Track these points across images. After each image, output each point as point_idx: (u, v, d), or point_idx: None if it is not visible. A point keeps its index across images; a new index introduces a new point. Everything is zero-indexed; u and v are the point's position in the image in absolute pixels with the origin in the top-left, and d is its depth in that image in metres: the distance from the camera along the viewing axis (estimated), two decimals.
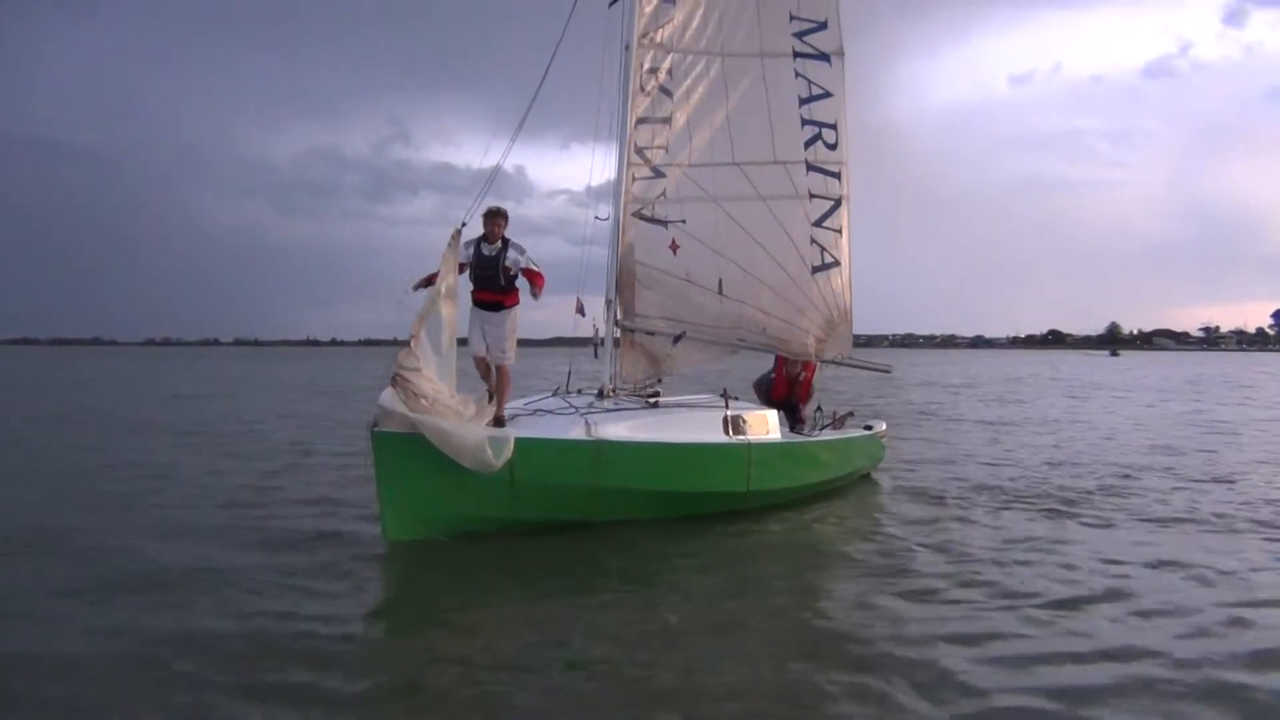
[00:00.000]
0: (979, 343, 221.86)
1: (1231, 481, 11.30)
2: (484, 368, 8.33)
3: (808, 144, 9.96)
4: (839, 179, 10.11)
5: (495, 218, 8.12)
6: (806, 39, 9.91)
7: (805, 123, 9.93)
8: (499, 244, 8.11)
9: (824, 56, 9.96)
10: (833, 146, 10.02)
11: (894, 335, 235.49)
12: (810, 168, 9.98)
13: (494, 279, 8.09)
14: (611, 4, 9.50)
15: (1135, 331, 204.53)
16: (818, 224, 10.05)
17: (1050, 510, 9.39)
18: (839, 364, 10.45)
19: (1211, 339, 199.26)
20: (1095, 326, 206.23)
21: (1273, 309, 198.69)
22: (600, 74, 9.39)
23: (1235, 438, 16.82)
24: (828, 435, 10.68)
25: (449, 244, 7.78)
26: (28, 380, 40.73)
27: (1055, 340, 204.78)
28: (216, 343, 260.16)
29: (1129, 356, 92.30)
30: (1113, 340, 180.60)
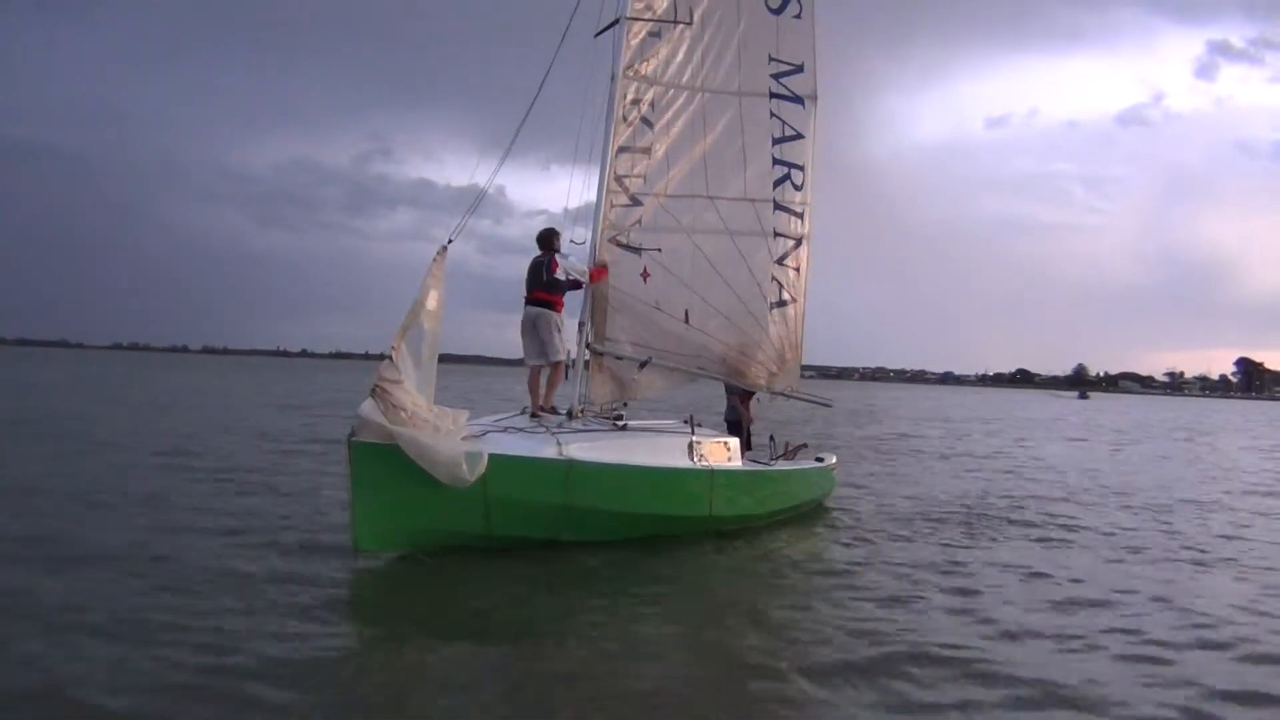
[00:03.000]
0: (948, 379, 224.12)
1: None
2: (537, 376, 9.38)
3: (777, 183, 10.34)
4: (802, 219, 10.51)
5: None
6: (783, 81, 10.30)
7: (776, 162, 10.32)
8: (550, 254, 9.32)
9: (798, 99, 10.36)
10: (799, 187, 10.41)
11: (864, 368, 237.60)
12: (777, 206, 10.37)
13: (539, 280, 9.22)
14: (598, 34, 9.82)
15: (1102, 374, 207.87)
16: (779, 261, 10.44)
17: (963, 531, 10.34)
18: (787, 396, 10.84)
19: (1176, 384, 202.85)
20: (1063, 367, 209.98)
21: (1236, 356, 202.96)
22: (583, 102, 9.69)
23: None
24: (783, 465, 11.03)
25: (435, 259, 7.94)
26: None
27: (1023, 379, 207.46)
28: (185, 349, 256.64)
29: (1098, 399, 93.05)
30: (1080, 382, 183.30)
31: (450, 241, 8.16)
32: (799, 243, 10.53)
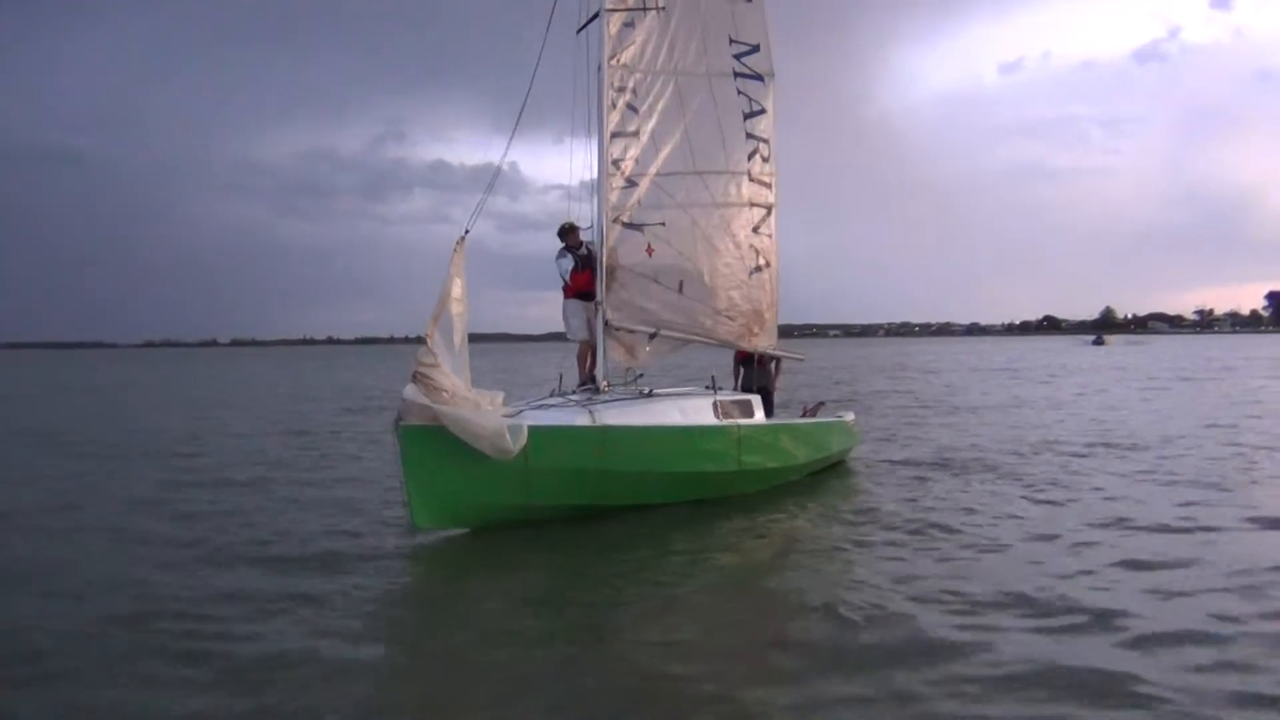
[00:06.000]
0: (974, 330, 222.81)
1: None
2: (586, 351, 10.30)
3: (749, 156, 11.03)
4: (770, 189, 11.20)
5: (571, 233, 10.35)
6: (743, 60, 10.94)
7: (749, 136, 11.01)
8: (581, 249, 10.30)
9: (759, 77, 11.03)
10: (766, 160, 11.13)
11: (890, 324, 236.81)
12: (750, 178, 11.05)
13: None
14: (579, 30, 10.36)
15: (1130, 316, 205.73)
16: (755, 230, 11.13)
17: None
18: (763, 356, 11.53)
19: (1206, 322, 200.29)
20: (1090, 312, 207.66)
21: (1266, 290, 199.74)
22: (572, 96, 10.31)
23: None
24: (805, 421, 11.67)
25: (455, 250, 8.38)
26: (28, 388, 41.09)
27: (1050, 326, 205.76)
28: (215, 343, 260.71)
29: (1114, 345, 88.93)
30: (1107, 325, 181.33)
31: (467, 232, 8.57)
32: (769, 211, 11.23)
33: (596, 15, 10.18)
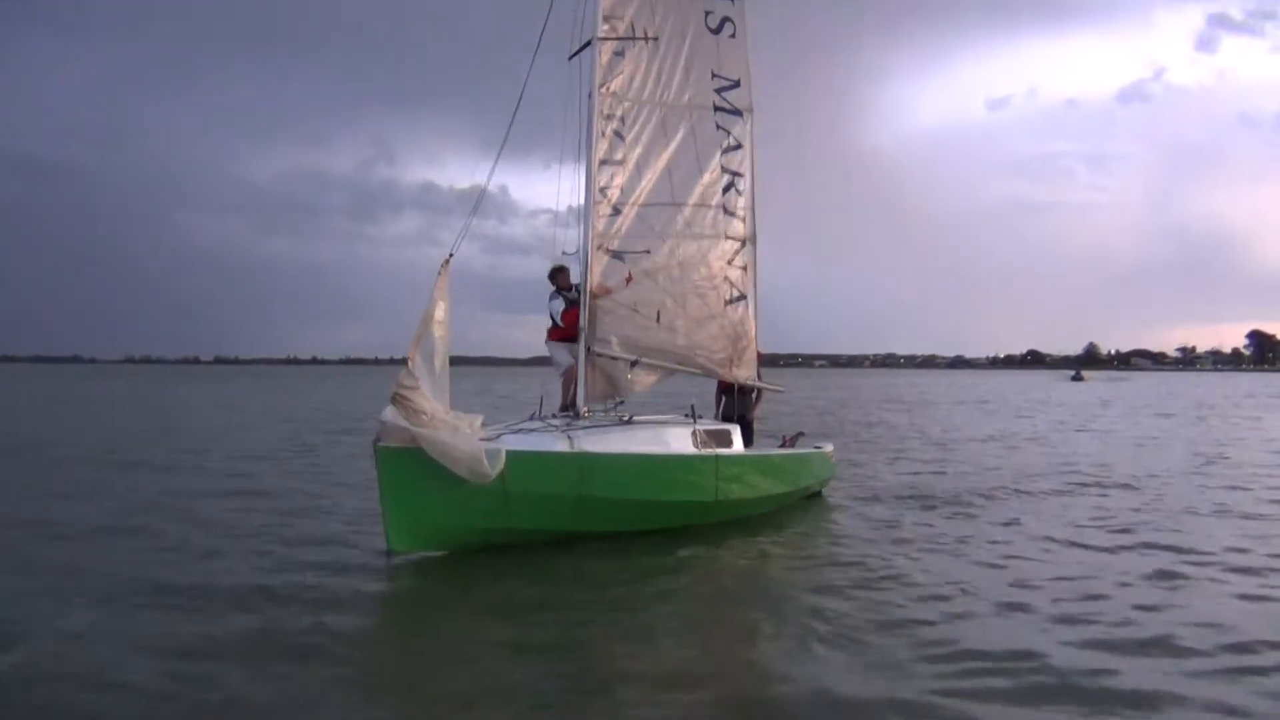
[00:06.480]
0: (959, 363, 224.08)
1: None
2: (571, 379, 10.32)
3: (725, 190, 11.15)
4: (744, 222, 11.29)
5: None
6: (724, 95, 11.10)
7: (724, 170, 11.14)
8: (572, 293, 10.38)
9: (737, 111, 11.19)
10: (741, 193, 11.24)
11: (875, 355, 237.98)
12: (725, 211, 11.16)
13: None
14: (571, 57, 10.49)
15: (1113, 352, 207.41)
16: (729, 262, 11.22)
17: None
18: (744, 385, 11.48)
19: (1188, 359, 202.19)
20: (1074, 347, 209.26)
21: (1248, 330, 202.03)
22: (563, 122, 10.45)
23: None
24: (784, 451, 11.68)
25: (440, 272, 8.46)
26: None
27: (1034, 360, 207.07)
28: (197, 361, 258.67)
29: (1093, 381, 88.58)
30: (1090, 361, 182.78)
31: (452, 255, 8.67)
32: (743, 244, 11.32)
33: (589, 43, 10.34)
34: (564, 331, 10.42)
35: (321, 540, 9.03)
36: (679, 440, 9.70)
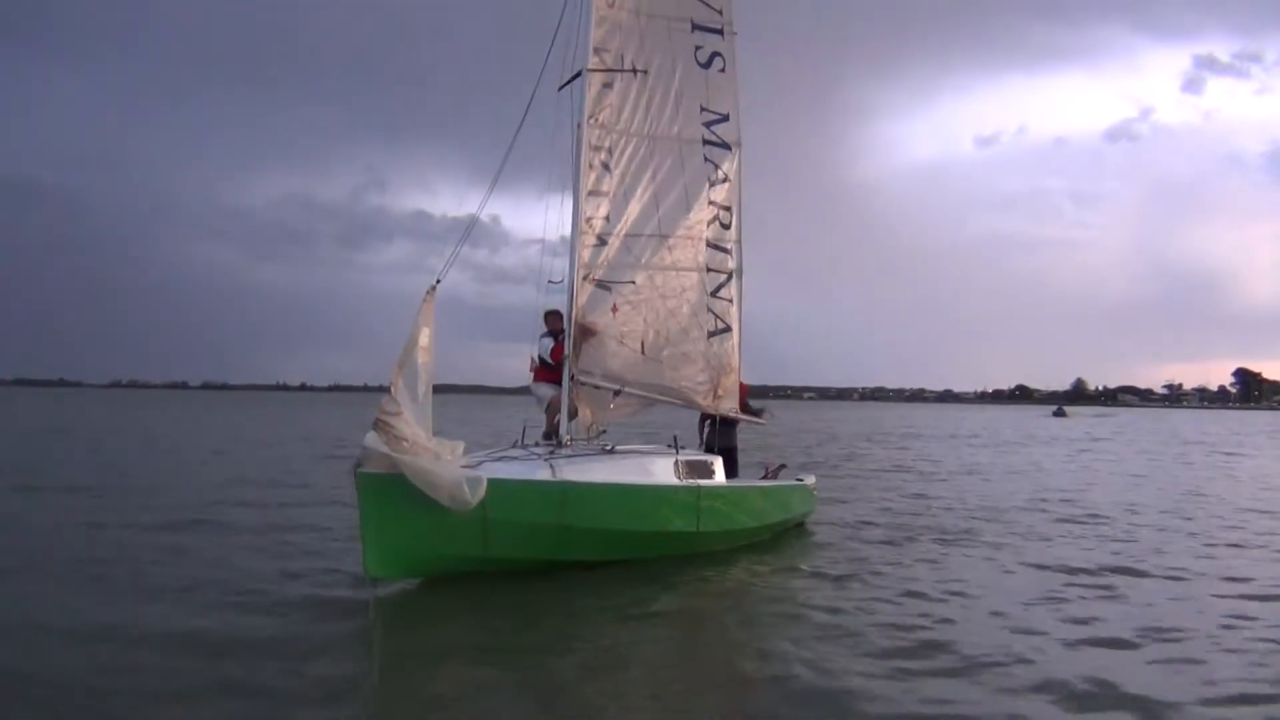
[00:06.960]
0: (947, 397, 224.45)
1: None
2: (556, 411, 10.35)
3: (709, 222, 11.22)
4: (731, 255, 11.35)
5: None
6: (713, 129, 11.22)
7: (710, 203, 11.22)
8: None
9: (725, 145, 11.28)
10: (727, 226, 11.32)
11: (864, 388, 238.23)
12: (710, 244, 11.21)
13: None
14: (561, 88, 10.63)
15: (1101, 388, 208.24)
16: (714, 294, 11.26)
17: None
18: (727, 417, 11.42)
19: (1175, 396, 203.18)
20: (1062, 383, 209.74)
21: (1234, 367, 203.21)
22: (552, 152, 10.56)
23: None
24: (766, 483, 11.66)
25: (425, 298, 8.46)
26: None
27: (1022, 395, 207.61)
28: (185, 386, 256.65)
29: (1077, 417, 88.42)
30: (1078, 396, 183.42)
31: (439, 281, 8.69)
32: (729, 276, 11.37)
33: (578, 74, 10.46)
34: (550, 374, 10.52)
35: (293, 574, 8.89)
36: (661, 471, 9.68)
